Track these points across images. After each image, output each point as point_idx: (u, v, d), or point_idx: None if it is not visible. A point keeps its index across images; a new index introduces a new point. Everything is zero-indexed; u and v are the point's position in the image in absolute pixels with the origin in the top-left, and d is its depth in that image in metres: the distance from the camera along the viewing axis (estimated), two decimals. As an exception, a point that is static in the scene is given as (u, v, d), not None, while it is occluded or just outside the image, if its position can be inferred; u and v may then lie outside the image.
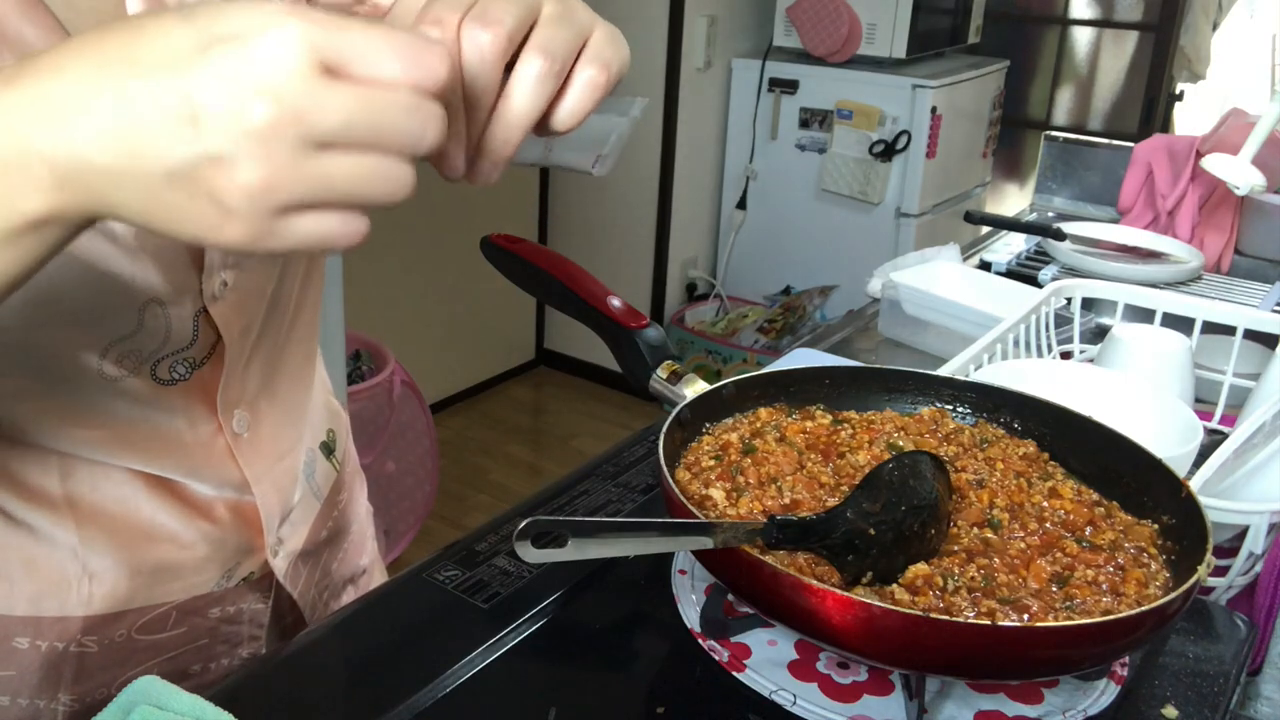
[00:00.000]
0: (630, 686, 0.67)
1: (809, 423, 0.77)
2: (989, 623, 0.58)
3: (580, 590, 0.73)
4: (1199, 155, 1.63)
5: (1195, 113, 3.66)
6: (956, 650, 0.56)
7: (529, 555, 0.55)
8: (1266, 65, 3.67)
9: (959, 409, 0.82)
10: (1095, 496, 0.72)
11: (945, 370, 0.93)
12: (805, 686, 0.64)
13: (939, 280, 1.31)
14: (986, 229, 1.76)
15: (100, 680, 0.71)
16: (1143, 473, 0.71)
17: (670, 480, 0.66)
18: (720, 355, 3.24)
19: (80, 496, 0.67)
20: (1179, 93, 3.61)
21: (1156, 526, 0.68)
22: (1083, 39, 3.81)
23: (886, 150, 3.07)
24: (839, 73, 3.13)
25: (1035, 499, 0.71)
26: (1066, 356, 1.21)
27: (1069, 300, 1.22)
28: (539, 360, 3.71)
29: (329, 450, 0.88)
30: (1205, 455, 0.85)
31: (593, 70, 0.49)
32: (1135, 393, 0.96)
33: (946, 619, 0.57)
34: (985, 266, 1.57)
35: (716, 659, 0.66)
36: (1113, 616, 0.58)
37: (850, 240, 3.20)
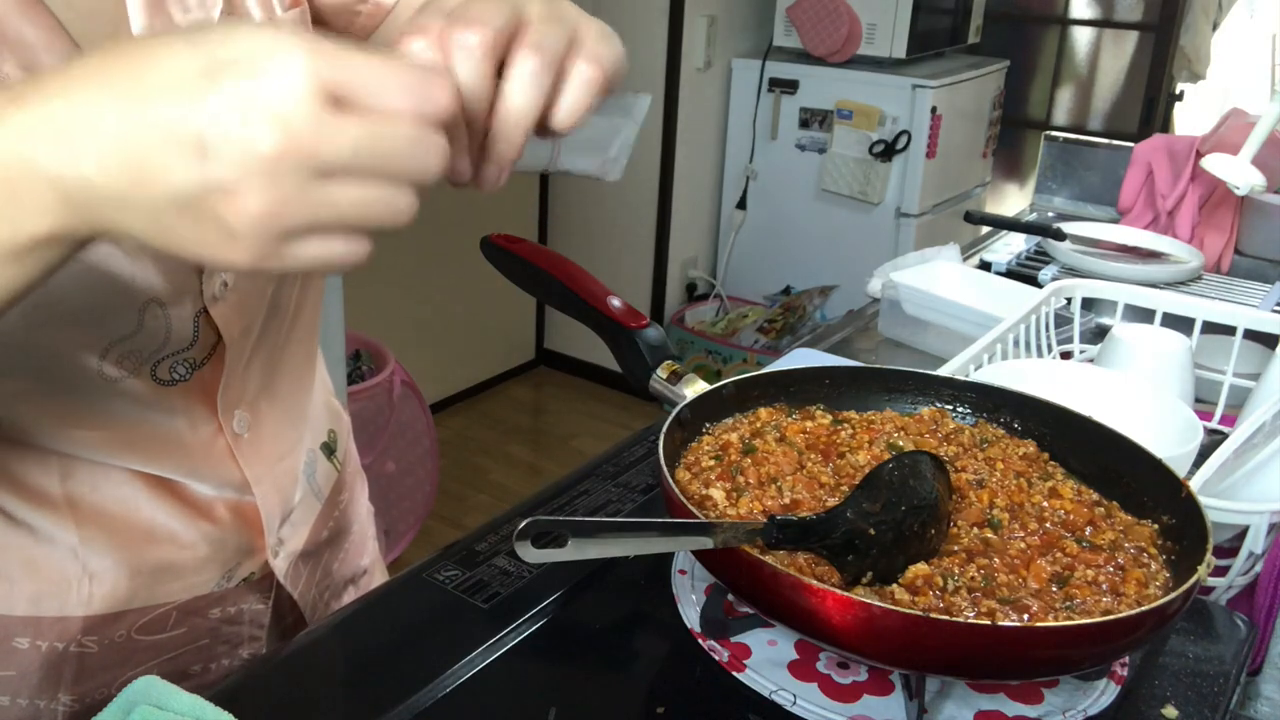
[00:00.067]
0: (630, 686, 0.67)
1: (809, 423, 0.77)
2: (989, 623, 0.58)
3: (580, 590, 0.73)
4: (1199, 155, 1.63)
5: (1195, 113, 3.66)
6: (956, 650, 0.56)
7: (529, 555, 0.55)
8: (1266, 65, 3.66)
9: (959, 409, 0.82)
10: (1095, 496, 0.72)
11: (945, 370, 0.93)
12: (805, 686, 0.64)
13: (939, 280, 1.31)
14: (986, 229, 1.76)
15: (100, 680, 0.71)
16: (1143, 473, 0.71)
17: (670, 480, 0.66)
18: (720, 355, 3.24)
19: (80, 497, 0.67)
20: (1179, 93, 3.61)
21: (1156, 526, 0.68)
22: (1083, 39, 3.80)
23: (886, 150, 3.06)
24: (839, 73, 3.13)
25: (1035, 499, 0.71)
26: (1066, 356, 1.21)
27: (1069, 300, 1.22)
28: (539, 360, 3.71)
29: (330, 451, 0.88)
30: (1205, 455, 0.85)
31: (586, 66, 0.49)
32: (1135, 393, 0.96)
33: (946, 619, 0.57)
34: (985, 266, 1.57)
35: (716, 659, 0.66)
36: (1113, 616, 0.58)
37: (850, 240, 3.20)
